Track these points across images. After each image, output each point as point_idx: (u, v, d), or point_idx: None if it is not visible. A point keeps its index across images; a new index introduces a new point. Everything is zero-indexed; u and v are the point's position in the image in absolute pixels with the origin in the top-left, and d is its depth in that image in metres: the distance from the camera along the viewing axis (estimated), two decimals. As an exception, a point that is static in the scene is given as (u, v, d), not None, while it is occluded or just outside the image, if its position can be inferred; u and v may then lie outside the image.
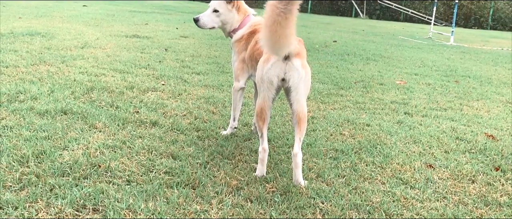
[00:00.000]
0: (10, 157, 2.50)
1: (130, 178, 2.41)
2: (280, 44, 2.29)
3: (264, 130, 2.59)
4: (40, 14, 10.56)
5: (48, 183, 2.24)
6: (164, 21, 11.95)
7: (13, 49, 5.69)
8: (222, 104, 4.07)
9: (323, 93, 4.84)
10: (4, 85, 3.93)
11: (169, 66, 5.59)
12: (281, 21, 2.22)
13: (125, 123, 3.28)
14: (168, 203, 2.18)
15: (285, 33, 2.26)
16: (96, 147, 2.76)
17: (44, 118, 3.21)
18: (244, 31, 3.16)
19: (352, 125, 3.75)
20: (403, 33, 16.41)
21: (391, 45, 10.99)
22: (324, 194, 2.42)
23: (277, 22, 2.23)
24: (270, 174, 2.62)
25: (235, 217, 2.14)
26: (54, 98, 3.68)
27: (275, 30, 2.23)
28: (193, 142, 3.06)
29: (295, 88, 2.49)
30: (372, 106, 4.48)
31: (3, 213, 1.97)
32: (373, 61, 7.75)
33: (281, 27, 2.23)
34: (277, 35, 2.25)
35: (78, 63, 5.19)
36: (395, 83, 5.82)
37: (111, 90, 4.12)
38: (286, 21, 2.23)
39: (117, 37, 7.78)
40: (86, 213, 2.04)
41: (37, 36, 7.01)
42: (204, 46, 7.82)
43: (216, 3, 3.17)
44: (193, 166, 2.63)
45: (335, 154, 3.04)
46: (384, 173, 2.79)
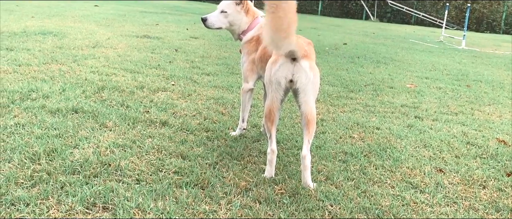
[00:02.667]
0: (22, 154, 2.53)
1: (140, 177, 2.43)
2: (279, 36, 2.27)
3: (272, 131, 2.59)
4: (53, 14, 10.67)
5: (59, 181, 2.27)
6: (175, 22, 12.00)
7: (26, 48, 5.76)
8: (231, 105, 4.08)
9: (333, 96, 4.82)
10: (16, 84, 3.98)
11: (179, 67, 5.61)
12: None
13: (135, 122, 3.30)
14: (177, 202, 2.19)
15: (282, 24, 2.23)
16: (107, 146, 2.78)
17: (56, 116, 3.24)
18: (254, 33, 3.17)
19: (362, 128, 3.73)
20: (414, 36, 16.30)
21: (402, 48, 10.92)
22: (333, 197, 2.41)
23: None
24: (279, 175, 2.62)
25: (243, 218, 2.14)
26: (65, 97, 3.71)
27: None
28: (202, 142, 3.07)
29: (303, 90, 2.49)
30: (382, 109, 4.46)
31: (15, 210, 1.99)
32: (384, 64, 7.71)
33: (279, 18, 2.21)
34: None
35: (89, 63, 5.23)
36: (406, 86, 5.78)
37: (122, 90, 4.15)
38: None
39: (128, 37, 7.83)
40: (96, 211, 2.06)
41: (49, 35, 7.08)
42: (214, 47, 7.85)
43: (224, 4, 3.18)
44: (202, 166, 2.64)
45: (344, 157, 3.03)
46: (393, 177, 2.78)
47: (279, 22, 2.20)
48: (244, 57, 3.20)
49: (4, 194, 2.09)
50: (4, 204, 2.02)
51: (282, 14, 2.18)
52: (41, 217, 1.97)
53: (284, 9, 2.18)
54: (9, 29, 7.27)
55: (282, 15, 2.18)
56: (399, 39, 14.07)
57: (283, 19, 2.19)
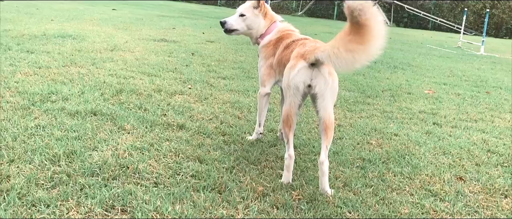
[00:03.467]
0: (42, 156, 2.56)
1: (158, 180, 2.44)
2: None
3: (290, 136, 2.58)
4: (72, 17, 10.85)
5: (79, 183, 2.29)
6: (191, 26, 12.09)
7: (45, 51, 5.86)
8: (247, 110, 4.08)
9: (350, 101, 4.79)
10: (37, 86, 4.04)
11: (196, 70, 5.64)
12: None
13: (153, 125, 3.33)
14: (194, 206, 2.19)
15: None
16: (125, 149, 2.80)
17: (75, 119, 3.28)
18: (272, 37, 3.16)
19: (380, 134, 3.69)
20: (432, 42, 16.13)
21: (419, 54, 10.81)
22: (351, 204, 2.38)
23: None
24: (296, 181, 2.60)
25: (261, 223, 2.13)
26: (84, 100, 3.76)
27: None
28: (219, 146, 3.07)
29: (322, 95, 2.47)
30: (400, 115, 4.41)
31: (35, 210, 2.02)
32: (401, 70, 7.63)
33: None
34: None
35: (108, 66, 5.29)
36: (424, 92, 5.71)
37: (140, 93, 4.19)
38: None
39: (146, 41, 7.91)
40: (114, 214, 2.07)
41: (69, 38, 7.20)
42: (230, 51, 7.87)
43: (243, 7, 3.20)
44: (219, 170, 2.64)
45: (362, 163, 2.99)
46: (412, 184, 2.74)
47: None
48: (261, 62, 3.20)
49: (25, 195, 2.12)
50: (25, 205, 2.04)
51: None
52: (61, 218, 1.98)
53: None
54: (30, 32, 7.40)
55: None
56: (416, 45, 13.93)
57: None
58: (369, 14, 2.16)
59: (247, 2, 3.22)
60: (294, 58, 2.59)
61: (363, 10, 2.15)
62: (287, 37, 3.03)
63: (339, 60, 2.26)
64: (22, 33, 7.27)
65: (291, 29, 3.17)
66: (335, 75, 2.55)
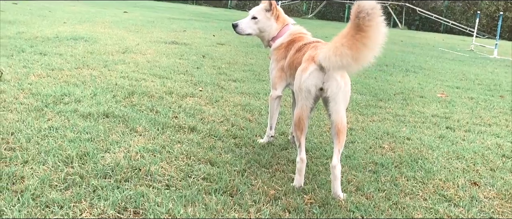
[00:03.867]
0: (55, 157, 2.58)
1: (170, 182, 2.44)
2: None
3: (302, 140, 2.56)
4: (84, 20, 10.95)
5: (91, 184, 2.30)
6: (202, 29, 12.14)
7: (58, 53, 5.92)
8: (258, 112, 4.07)
9: (362, 105, 4.76)
10: (50, 88, 4.08)
11: (206, 73, 5.65)
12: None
13: (165, 127, 3.33)
14: (206, 209, 2.19)
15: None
16: (137, 151, 2.81)
17: (87, 120, 3.31)
18: (283, 40, 3.16)
19: (392, 138, 3.66)
20: (444, 45, 15.99)
21: (431, 57, 10.72)
22: (363, 208, 2.36)
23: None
24: (308, 185, 2.59)
25: (273, 227, 2.12)
26: (96, 102, 3.78)
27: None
28: (230, 149, 3.07)
29: (334, 99, 2.45)
30: (413, 119, 4.37)
31: (49, 212, 2.03)
32: (413, 73, 7.57)
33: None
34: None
35: (120, 68, 5.33)
36: (436, 96, 5.65)
37: (151, 95, 4.21)
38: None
39: (157, 43, 7.95)
40: (127, 216, 2.07)
41: (81, 40, 7.27)
42: (240, 53, 7.88)
43: (255, 10, 3.21)
44: (230, 173, 2.64)
45: (374, 167, 2.97)
46: (426, 189, 2.70)
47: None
48: (273, 64, 3.19)
49: (39, 196, 2.14)
50: (39, 206, 2.06)
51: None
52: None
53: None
54: (43, 35, 7.49)
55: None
56: (428, 48, 13.82)
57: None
58: (375, 21, 2.12)
59: (259, 5, 3.22)
60: (306, 61, 2.58)
61: (371, 15, 2.11)
62: (299, 40, 3.02)
63: (328, 62, 2.27)
64: (35, 35, 7.36)
65: (303, 32, 3.16)
66: (348, 78, 2.54)
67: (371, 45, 2.16)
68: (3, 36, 6.92)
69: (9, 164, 2.46)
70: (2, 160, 2.50)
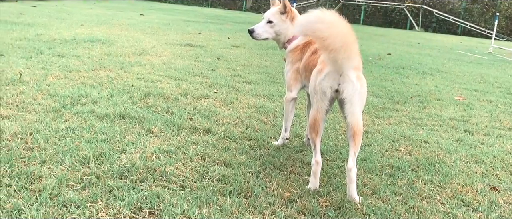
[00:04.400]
0: (72, 157, 2.61)
1: (185, 183, 2.45)
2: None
3: (317, 142, 2.54)
4: (101, 22, 11.09)
5: (108, 185, 2.32)
6: (217, 31, 12.18)
7: (75, 55, 6.00)
8: (273, 114, 4.06)
9: (378, 107, 4.71)
10: (67, 89, 4.14)
11: (221, 75, 5.67)
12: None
13: (180, 128, 3.35)
14: (221, 210, 2.19)
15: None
16: (152, 151, 2.83)
17: (104, 121, 3.34)
18: (299, 42, 3.14)
19: (409, 141, 3.61)
20: (461, 47, 15.75)
21: (449, 60, 10.57)
22: (380, 212, 2.33)
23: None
24: (323, 187, 2.57)
25: (288, 229, 2.10)
26: (113, 103, 3.82)
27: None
28: (245, 150, 3.07)
29: (350, 101, 2.43)
30: (430, 122, 4.30)
31: (66, 211, 2.05)
32: (430, 76, 7.47)
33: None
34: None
35: (136, 70, 5.38)
36: (454, 99, 5.57)
37: (167, 97, 4.23)
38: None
39: (172, 46, 8.01)
40: (142, 216, 2.08)
41: (98, 42, 7.36)
42: (255, 55, 7.88)
43: (270, 13, 3.17)
44: (245, 175, 2.63)
45: (391, 171, 2.93)
46: (443, 193, 2.66)
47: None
48: (288, 66, 3.18)
49: (57, 196, 2.16)
50: (56, 205, 2.08)
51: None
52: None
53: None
54: (61, 37, 7.61)
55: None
56: (445, 50, 13.63)
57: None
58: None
59: (274, 8, 3.19)
60: (321, 63, 2.56)
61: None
62: (314, 42, 3.00)
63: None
64: (53, 37, 7.48)
65: (319, 34, 3.13)
66: (364, 80, 2.51)
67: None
68: (22, 38, 7.05)
69: (27, 163, 2.50)
70: (21, 159, 2.54)
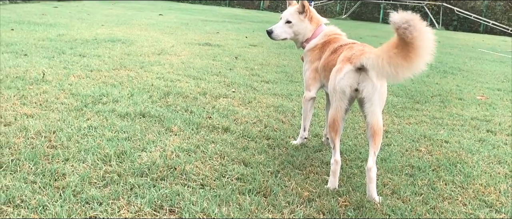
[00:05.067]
0: (94, 155, 2.66)
1: (204, 181, 2.47)
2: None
3: (336, 142, 2.54)
4: (121, 22, 11.25)
5: (129, 182, 2.36)
6: (234, 30, 12.22)
7: (96, 54, 6.10)
8: (291, 114, 4.06)
9: (398, 107, 4.66)
10: (89, 88, 4.21)
11: (239, 74, 5.68)
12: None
13: (199, 127, 3.38)
14: (240, 209, 2.20)
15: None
16: (172, 150, 2.86)
17: (125, 120, 3.39)
18: (318, 41, 3.12)
19: (429, 141, 3.56)
20: (483, 45, 15.43)
21: (470, 58, 10.37)
22: (400, 212, 2.31)
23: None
24: (343, 187, 2.56)
25: (307, 228, 2.10)
26: (133, 102, 3.88)
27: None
28: (263, 149, 3.07)
29: (369, 100, 2.41)
30: (451, 122, 4.24)
31: (89, 208, 2.09)
32: (451, 75, 7.35)
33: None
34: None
35: (155, 69, 5.44)
36: (476, 98, 5.46)
37: (186, 96, 4.27)
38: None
39: (191, 45, 8.07)
40: (163, 214, 2.11)
41: (118, 42, 7.46)
42: (272, 55, 7.88)
43: (288, 14, 3.15)
44: (264, 174, 2.64)
45: (411, 171, 2.90)
46: (465, 194, 2.62)
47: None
48: (307, 65, 3.16)
49: (80, 193, 2.21)
50: (79, 202, 2.13)
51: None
52: (113, 216, 2.05)
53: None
54: (82, 37, 7.75)
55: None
56: (466, 48, 13.38)
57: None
58: (417, 31, 2.07)
59: (292, 7, 3.18)
60: (341, 62, 2.55)
61: (409, 28, 2.06)
62: (334, 42, 2.98)
63: (382, 71, 2.22)
64: (75, 37, 7.62)
65: (338, 33, 3.11)
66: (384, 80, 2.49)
67: (423, 53, 2.12)
68: (45, 39, 7.20)
69: (51, 161, 2.56)
70: (45, 157, 2.60)
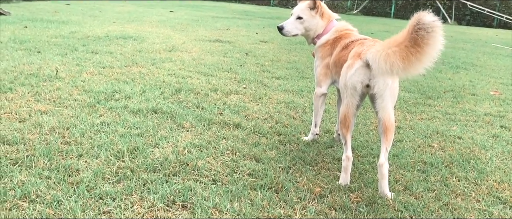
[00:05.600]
0: (107, 151, 2.69)
1: (216, 177, 2.48)
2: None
3: (348, 138, 2.53)
4: (132, 19, 11.31)
5: (142, 178, 2.38)
6: (245, 27, 12.21)
7: (108, 51, 6.15)
8: (302, 110, 4.05)
9: (410, 103, 4.63)
10: (101, 85, 4.25)
11: (250, 70, 5.69)
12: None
13: (210, 123, 3.39)
14: (252, 205, 2.21)
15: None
16: (184, 146, 2.88)
17: (137, 116, 3.42)
18: (329, 37, 3.11)
19: (442, 137, 3.53)
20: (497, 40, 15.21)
21: (484, 53, 10.24)
22: (412, 208, 2.30)
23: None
24: (354, 183, 2.55)
25: (318, 224, 2.11)
26: (145, 98, 3.91)
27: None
28: (274, 145, 3.08)
29: (381, 96, 2.40)
30: (464, 118, 4.20)
31: (103, 203, 2.12)
32: (464, 70, 7.27)
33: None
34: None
35: (167, 66, 5.47)
36: (489, 94, 5.40)
37: (197, 92, 4.29)
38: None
39: (202, 42, 8.09)
40: (175, 209, 2.13)
41: (130, 39, 7.51)
42: (283, 51, 7.86)
43: (299, 10, 3.14)
44: (275, 170, 2.64)
45: (423, 167, 2.88)
46: (479, 190, 2.59)
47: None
48: (318, 61, 3.15)
49: (93, 188, 2.24)
50: (93, 197, 2.16)
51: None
52: (126, 212, 2.07)
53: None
54: (94, 34, 7.81)
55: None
56: (480, 43, 13.20)
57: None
58: (434, 40, 2.04)
59: (303, 3, 3.16)
60: (352, 58, 2.54)
61: (431, 33, 2.04)
62: (345, 37, 2.97)
63: (378, 67, 2.21)
64: (87, 34, 7.68)
65: (349, 29, 3.10)
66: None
67: (425, 60, 2.11)
68: (58, 36, 7.27)
69: (65, 157, 2.59)
70: (59, 153, 2.64)
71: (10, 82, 4.05)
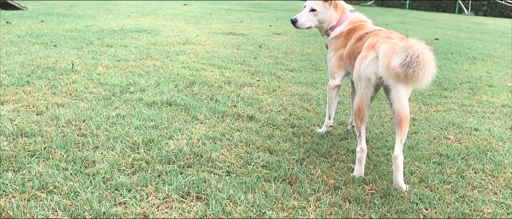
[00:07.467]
0: (123, 143, 2.72)
1: (230, 169, 2.49)
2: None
3: (362, 130, 2.52)
4: (146, 13, 11.37)
5: (156, 170, 2.41)
6: (258, 19, 12.17)
7: (123, 45, 6.20)
8: (316, 102, 4.03)
9: (425, 94, 4.57)
10: (116, 78, 4.29)
11: (263, 63, 5.68)
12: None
13: (224, 116, 3.41)
14: (266, 196, 2.22)
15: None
16: (198, 138, 2.90)
17: (152, 109, 3.45)
18: (343, 28, 3.08)
19: (458, 129, 3.49)
20: (515, 30, 14.88)
21: (501, 44, 10.04)
22: (428, 200, 2.28)
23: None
24: (369, 175, 2.54)
25: (333, 216, 2.10)
26: (160, 91, 3.93)
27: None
28: (288, 137, 3.08)
29: (395, 87, 2.37)
30: (481, 109, 4.13)
31: (118, 194, 2.15)
32: (481, 61, 7.14)
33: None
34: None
35: (181, 59, 5.49)
36: (507, 85, 5.30)
37: (211, 85, 4.30)
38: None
39: (215, 34, 8.10)
40: (190, 200, 2.15)
41: (144, 32, 7.55)
42: (297, 43, 7.83)
43: (313, 2, 3.12)
44: (289, 162, 2.65)
45: (439, 159, 2.85)
46: (496, 182, 2.56)
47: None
48: (331, 53, 3.13)
49: (109, 179, 2.27)
50: (109, 189, 2.19)
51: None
52: (141, 203, 2.10)
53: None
54: (109, 27, 7.87)
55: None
56: (497, 34, 12.94)
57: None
58: (423, 71, 2.07)
59: None
60: (366, 49, 2.52)
61: (416, 70, 2.06)
62: (359, 29, 2.94)
63: (382, 70, 2.22)
64: (102, 28, 7.75)
65: (363, 20, 3.06)
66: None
67: (423, 81, 2.11)
68: (74, 30, 7.36)
69: (81, 149, 2.63)
70: (75, 145, 2.68)
71: (28, 75, 4.11)
